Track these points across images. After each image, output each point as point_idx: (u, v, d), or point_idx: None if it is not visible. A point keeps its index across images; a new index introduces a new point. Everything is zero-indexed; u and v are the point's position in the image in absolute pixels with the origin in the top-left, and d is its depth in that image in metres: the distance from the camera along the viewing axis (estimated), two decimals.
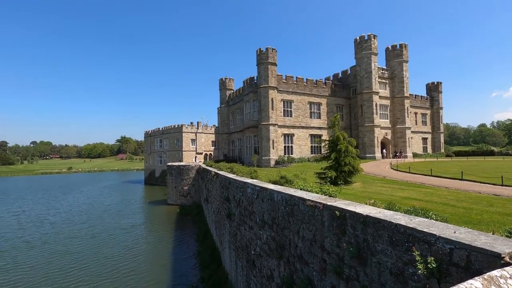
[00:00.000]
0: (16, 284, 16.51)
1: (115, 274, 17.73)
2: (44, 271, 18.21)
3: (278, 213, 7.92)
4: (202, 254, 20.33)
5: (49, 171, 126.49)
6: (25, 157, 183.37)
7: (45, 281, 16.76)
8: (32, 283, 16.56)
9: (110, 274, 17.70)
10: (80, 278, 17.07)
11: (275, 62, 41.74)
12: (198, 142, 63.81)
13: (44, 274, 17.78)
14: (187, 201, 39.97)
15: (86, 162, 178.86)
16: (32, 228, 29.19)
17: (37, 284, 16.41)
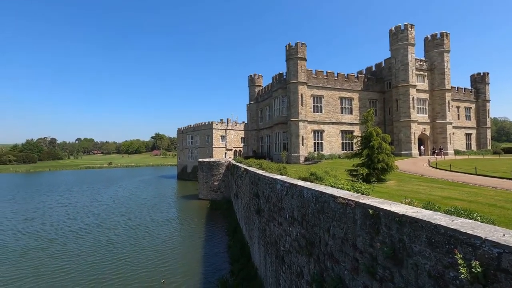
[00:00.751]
0: (66, 270, 18.08)
1: (151, 265, 18.73)
2: (90, 259, 19.72)
3: (308, 210, 7.83)
4: (232, 248, 20.74)
5: (92, 166, 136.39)
6: (71, 152, 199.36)
7: (91, 269, 18.17)
8: (80, 270, 18.01)
9: (147, 265, 18.72)
10: (121, 267, 18.25)
11: (305, 57, 40.98)
12: (227, 138, 64.89)
13: (89, 262, 19.27)
14: (218, 196, 40.92)
15: (124, 157, 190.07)
16: (78, 219, 31.71)
17: (84, 271, 17.82)
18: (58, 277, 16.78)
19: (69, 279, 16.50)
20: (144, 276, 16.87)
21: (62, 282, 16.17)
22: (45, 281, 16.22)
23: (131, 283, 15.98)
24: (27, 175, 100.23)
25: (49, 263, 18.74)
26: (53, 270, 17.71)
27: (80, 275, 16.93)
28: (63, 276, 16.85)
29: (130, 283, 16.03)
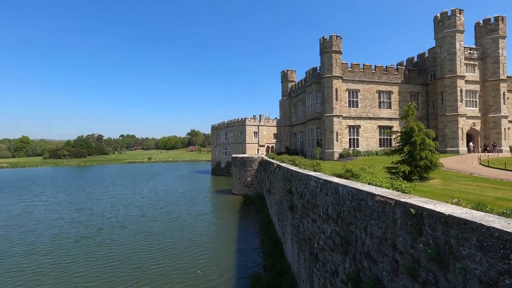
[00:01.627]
0: (111, 257, 19.59)
1: (188, 257, 19.58)
2: (132, 248, 21.14)
3: (344, 207, 7.62)
4: (265, 243, 20.93)
5: (133, 161, 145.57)
6: (116, 148, 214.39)
7: (134, 258, 19.49)
8: (124, 258, 19.40)
9: (184, 256, 19.61)
10: (160, 257, 19.28)
11: (340, 50, 39.58)
12: (260, 134, 65.21)
13: (132, 251, 20.67)
14: (250, 192, 41.43)
15: (162, 153, 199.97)
16: (122, 210, 34.10)
17: (127, 260, 19.17)
18: (104, 264, 18.23)
19: (114, 267, 17.84)
20: (181, 267, 17.69)
21: (108, 269, 17.53)
22: (93, 267, 17.69)
23: (170, 273, 16.86)
24: (79, 168, 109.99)
25: (97, 251, 20.39)
26: (100, 257, 19.23)
27: (124, 264, 18.22)
28: (109, 264, 18.25)
29: (169, 272, 16.92)
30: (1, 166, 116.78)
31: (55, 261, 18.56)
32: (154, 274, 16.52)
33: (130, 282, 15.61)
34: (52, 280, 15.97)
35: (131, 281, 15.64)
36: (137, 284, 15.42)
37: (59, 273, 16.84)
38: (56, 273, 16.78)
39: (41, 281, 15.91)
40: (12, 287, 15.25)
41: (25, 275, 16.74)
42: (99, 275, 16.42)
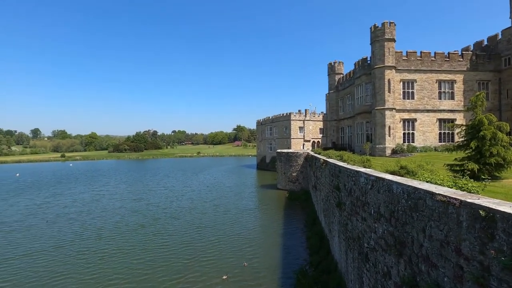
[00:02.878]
0: (165, 246, 21.16)
1: (236, 250, 20.23)
2: (185, 239, 22.51)
3: (398, 206, 7.12)
4: (311, 240, 20.65)
5: (184, 155, 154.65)
6: (168, 143, 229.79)
7: (187, 248, 20.80)
8: (176, 248, 20.76)
9: (231, 250, 20.30)
10: (210, 249, 20.19)
11: (393, 37, 36.67)
12: (305, 129, 64.06)
13: (185, 241, 22.04)
14: (296, 187, 41.10)
15: (210, 148, 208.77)
16: (174, 202, 36.52)
17: (180, 250, 20.49)
18: (160, 253, 19.71)
19: (168, 255, 19.22)
20: (229, 259, 18.32)
21: (164, 257, 18.89)
22: (150, 255, 19.25)
23: (219, 264, 17.61)
24: (137, 162, 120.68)
25: (153, 239, 22.09)
26: (156, 245, 20.75)
27: (177, 253, 19.48)
28: (164, 252, 19.66)
29: (218, 264, 17.68)
30: (75, 159, 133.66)
31: (118, 246, 20.63)
32: (204, 265, 17.36)
33: (183, 271, 16.65)
34: (115, 263, 17.79)
35: (184, 270, 16.68)
36: (189, 272, 16.41)
37: (121, 257, 18.67)
38: (119, 257, 18.62)
39: (107, 263, 17.83)
40: (83, 268, 17.38)
41: (94, 257, 18.98)
42: (156, 262, 17.78)
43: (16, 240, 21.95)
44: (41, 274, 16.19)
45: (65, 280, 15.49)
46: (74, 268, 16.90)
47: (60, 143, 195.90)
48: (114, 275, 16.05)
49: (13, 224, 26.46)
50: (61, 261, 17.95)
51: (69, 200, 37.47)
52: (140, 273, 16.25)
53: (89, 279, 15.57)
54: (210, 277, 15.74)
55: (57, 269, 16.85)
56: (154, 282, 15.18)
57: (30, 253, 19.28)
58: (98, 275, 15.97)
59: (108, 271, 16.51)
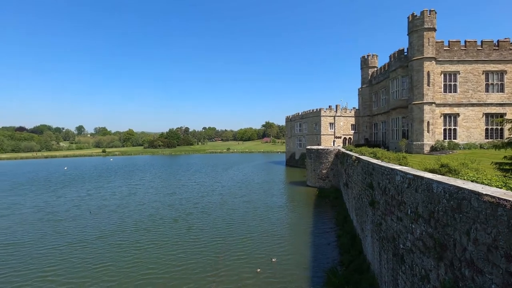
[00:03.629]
0: (197, 241, 21.84)
1: (265, 247, 20.34)
2: (216, 234, 23.03)
3: (438, 206, 6.69)
4: (341, 238, 20.18)
5: (214, 151, 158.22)
6: (199, 139, 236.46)
7: (217, 243, 21.33)
8: (207, 242, 21.32)
9: (261, 246, 20.44)
10: (240, 245, 20.48)
11: (434, 26, 34.25)
12: (336, 125, 62.39)
13: (216, 236, 22.57)
14: (326, 185, 40.30)
15: (239, 144, 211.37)
16: (206, 197, 37.49)
17: (212, 244, 21.05)
18: (192, 247, 20.36)
19: (200, 249, 19.81)
20: (258, 256, 18.45)
21: (195, 251, 19.53)
22: (182, 248, 19.95)
23: (248, 259, 17.87)
24: (170, 157, 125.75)
25: (185, 233, 22.81)
26: (189, 240, 21.33)
27: (208, 247, 19.92)
28: (195, 246, 20.23)
29: (247, 259, 17.94)
30: (114, 154, 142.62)
31: (153, 238, 21.61)
32: (234, 260, 17.63)
33: (214, 264, 17.08)
34: (151, 255, 18.65)
35: (215, 264, 17.11)
36: (221, 266, 16.80)
37: (156, 249, 19.49)
38: (154, 250, 19.45)
39: (143, 255, 18.75)
40: (122, 258, 18.51)
41: (132, 248, 20.14)
42: (189, 255, 18.36)
43: (63, 229, 23.95)
44: (86, 262, 17.49)
45: (106, 268, 16.58)
46: (114, 258, 18.03)
47: (101, 139, 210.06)
48: (150, 265, 16.86)
49: (61, 214, 28.92)
50: (103, 250, 19.25)
51: (109, 193, 40.09)
52: (174, 265, 16.89)
53: (127, 269, 16.52)
54: (242, 272, 15.99)
55: (99, 257, 18.10)
56: (189, 275, 15.71)
57: (75, 242, 20.93)
58: (135, 266, 16.88)
59: (144, 262, 17.35)
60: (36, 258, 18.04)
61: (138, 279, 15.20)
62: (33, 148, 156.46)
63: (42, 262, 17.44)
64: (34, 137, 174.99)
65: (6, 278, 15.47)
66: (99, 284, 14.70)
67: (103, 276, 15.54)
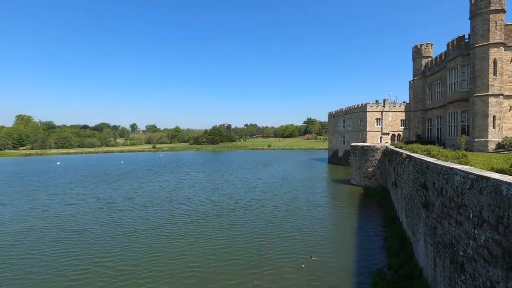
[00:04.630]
0: (240, 237, 22.25)
1: (308, 246, 20.02)
2: (257, 231, 23.24)
3: (509, 211, 5.89)
4: (389, 241, 19.01)
5: (255, 147, 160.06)
6: (241, 136, 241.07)
7: (259, 240, 21.57)
8: (250, 239, 21.50)
9: (303, 245, 20.15)
10: (282, 242, 20.41)
11: (503, 7, 30.12)
12: (384, 121, 58.73)
13: (257, 233, 22.79)
14: (371, 183, 38.29)
15: (280, 141, 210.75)
16: (247, 193, 37.99)
17: (254, 241, 21.37)
18: (234, 242, 20.81)
19: (242, 245, 20.15)
20: (300, 255, 18.25)
21: (237, 247, 19.95)
22: (225, 244, 20.55)
23: (288, 257, 17.78)
24: (213, 153, 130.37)
25: (227, 228, 23.28)
26: (232, 235, 21.73)
27: (250, 244, 20.15)
28: (237, 242, 20.65)
29: (287, 257, 17.86)
30: (163, 150, 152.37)
31: (198, 232, 22.47)
32: (275, 258, 17.51)
33: (257, 261, 17.26)
34: (196, 249, 19.42)
35: (256, 261, 17.29)
36: (261, 264, 16.88)
37: (201, 243, 20.22)
38: (199, 244, 20.21)
39: (188, 248, 19.58)
40: (170, 249, 19.74)
41: (179, 240, 21.29)
42: (231, 251, 18.70)
43: (118, 219, 26.12)
44: (138, 251, 18.84)
45: (156, 259, 17.62)
46: (163, 249, 19.11)
47: (152, 136, 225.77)
48: (195, 259, 17.44)
49: (117, 205, 31.74)
50: (153, 241, 20.57)
51: (158, 187, 42.89)
52: (217, 260, 17.26)
53: (174, 260, 17.37)
54: (284, 272, 15.84)
55: (150, 248, 19.34)
56: (231, 270, 15.99)
57: (129, 231, 22.69)
58: (182, 258, 17.63)
59: (190, 255, 18.02)
60: (95, 245, 19.93)
61: (183, 272, 15.82)
62: (94, 144, 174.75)
63: (100, 249, 19.19)
64: (96, 134, 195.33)
65: (69, 262, 17.40)
66: (150, 274, 15.68)
67: (152, 267, 16.49)
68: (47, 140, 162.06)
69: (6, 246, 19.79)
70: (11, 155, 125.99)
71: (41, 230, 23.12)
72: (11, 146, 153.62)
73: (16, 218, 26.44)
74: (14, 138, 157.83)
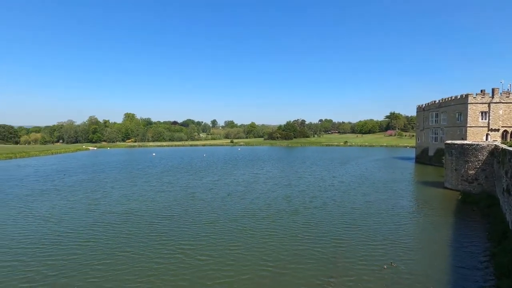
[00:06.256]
0: (312, 237, 21.84)
1: (391, 257, 18.24)
2: (332, 233, 22.32)
3: None
4: (497, 258, 15.77)
5: (330, 144, 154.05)
6: (315, 131, 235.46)
7: (332, 242, 20.77)
8: (324, 241, 20.75)
9: (384, 255, 18.49)
10: (358, 248, 19.13)
11: None
12: (492, 115, 48.91)
13: (331, 236, 21.89)
14: (473, 189, 32.46)
15: (358, 137, 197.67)
16: (323, 192, 36.68)
17: (326, 242, 20.54)
18: (309, 242, 20.40)
19: (316, 247, 19.61)
20: (379, 263, 16.82)
21: (312, 247, 19.29)
22: (301, 242, 20.27)
23: (365, 265, 16.48)
24: (287, 149, 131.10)
25: (302, 227, 22.68)
26: (305, 234, 21.20)
27: (324, 245, 19.45)
28: (312, 243, 19.93)
29: (365, 265, 16.56)
30: (240, 144, 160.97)
31: (271, 228, 22.70)
32: (351, 264, 16.39)
33: (331, 264, 16.53)
34: (269, 246, 19.64)
35: (332, 264, 16.55)
36: (336, 268, 16.02)
37: (276, 241, 20.30)
38: (273, 241, 20.37)
39: (263, 245, 19.81)
40: (250, 242, 20.53)
41: (256, 234, 21.87)
42: (305, 251, 17.98)
43: (200, 209, 28.25)
44: (217, 242, 19.87)
45: (233, 250, 18.45)
46: (239, 241, 19.86)
47: (229, 131, 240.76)
48: (270, 258, 17.21)
49: (198, 195, 34.66)
50: (231, 233, 21.55)
51: (234, 180, 45.25)
52: (292, 261, 16.72)
53: (249, 254, 17.86)
54: (360, 280, 14.87)
55: (231, 239, 20.18)
56: (305, 271, 15.56)
57: (209, 221, 24.35)
58: (255, 253, 18.00)
59: (264, 252, 17.96)
60: (180, 231, 21.94)
61: (259, 270, 15.69)
62: (182, 138, 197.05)
63: (183, 236, 21.01)
64: (183, 130, 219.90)
65: (157, 245, 19.90)
66: (232, 266, 16.24)
67: (228, 261, 16.86)
68: (146, 134, 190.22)
69: (115, 224, 23.69)
70: (121, 146, 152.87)
71: (138, 212, 26.95)
72: (120, 139, 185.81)
73: (121, 201, 31.57)
74: (122, 132, 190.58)
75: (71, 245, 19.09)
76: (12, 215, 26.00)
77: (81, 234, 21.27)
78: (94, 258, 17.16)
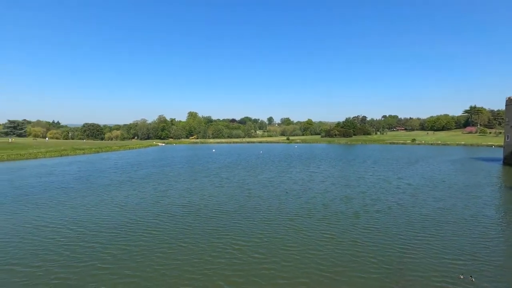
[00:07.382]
0: (379, 242, 20.15)
1: (469, 270, 15.86)
2: (400, 239, 20.52)
3: None
4: None
5: (395, 142, 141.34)
6: (378, 128, 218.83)
7: (400, 251, 18.76)
8: (389, 247, 19.30)
9: (461, 270, 16.14)
10: (428, 262, 17.25)
11: None
12: None
13: (401, 242, 20.02)
14: None
15: (429, 134, 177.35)
16: (386, 195, 33.79)
17: (394, 250, 18.88)
18: (370, 248, 19.10)
19: (377, 255, 18.18)
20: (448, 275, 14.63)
21: (372, 255, 18.04)
22: (361, 247, 19.06)
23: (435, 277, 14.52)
24: (346, 146, 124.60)
25: (364, 232, 21.65)
26: (366, 240, 20.12)
27: (387, 253, 18.04)
28: (373, 251, 18.79)
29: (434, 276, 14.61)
30: (296, 141, 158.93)
31: (328, 230, 21.87)
32: (417, 277, 14.73)
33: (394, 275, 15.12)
34: (325, 249, 18.98)
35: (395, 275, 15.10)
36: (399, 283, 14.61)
37: (333, 244, 19.58)
38: (331, 244, 19.62)
39: (320, 247, 19.36)
40: (301, 241, 20.08)
41: (306, 235, 21.35)
42: (365, 258, 16.95)
43: (255, 206, 28.57)
44: (272, 241, 20.18)
45: (289, 250, 18.31)
46: (296, 241, 19.70)
47: (286, 128, 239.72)
48: (327, 262, 16.52)
49: (254, 192, 35.14)
50: (286, 232, 21.36)
51: (290, 178, 44.54)
52: (351, 268, 15.95)
53: (308, 255, 17.50)
54: None
55: (284, 238, 20.19)
56: (365, 280, 14.68)
57: (265, 219, 24.47)
58: (312, 255, 17.54)
59: (320, 255, 17.49)
60: (235, 227, 22.35)
61: (316, 274, 15.04)
62: (239, 135, 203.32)
63: (238, 232, 21.29)
64: (241, 127, 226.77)
65: (213, 240, 20.53)
66: (288, 268, 16.01)
67: (283, 261, 16.55)
68: (207, 131, 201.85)
69: (177, 216, 25.38)
70: (185, 142, 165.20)
71: (197, 206, 28.43)
72: (185, 136, 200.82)
73: (183, 194, 33.79)
74: (186, 129, 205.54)
75: (140, 233, 21.06)
76: (97, 202, 29.92)
77: (148, 223, 23.35)
78: (159, 246, 18.63)
